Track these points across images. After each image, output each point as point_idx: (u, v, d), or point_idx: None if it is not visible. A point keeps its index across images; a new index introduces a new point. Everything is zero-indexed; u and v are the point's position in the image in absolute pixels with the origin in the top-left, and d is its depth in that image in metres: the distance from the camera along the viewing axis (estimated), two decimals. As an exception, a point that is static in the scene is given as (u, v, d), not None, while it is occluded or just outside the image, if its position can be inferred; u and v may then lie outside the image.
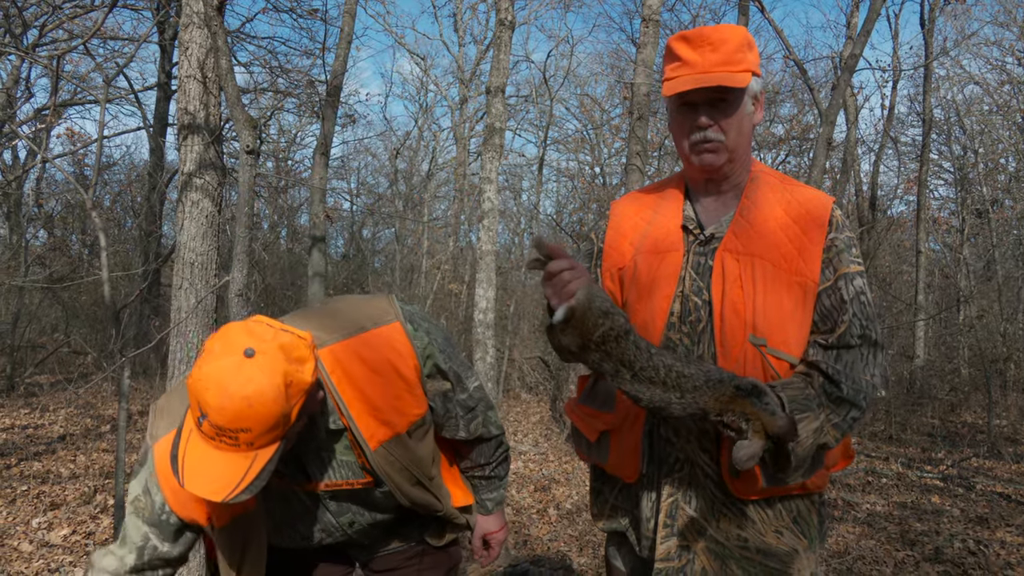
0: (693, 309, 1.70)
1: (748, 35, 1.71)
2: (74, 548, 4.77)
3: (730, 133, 1.70)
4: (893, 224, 15.30)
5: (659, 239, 1.80)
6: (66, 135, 13.23)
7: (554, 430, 9.41)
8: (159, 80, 13.36)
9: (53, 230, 14.14)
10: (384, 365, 1.65)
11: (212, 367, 1.35)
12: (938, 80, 15.78)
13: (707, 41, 1.67)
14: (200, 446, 1.38)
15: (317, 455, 1.65)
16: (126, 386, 4.47)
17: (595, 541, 5.15)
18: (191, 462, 1.37)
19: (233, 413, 1.33)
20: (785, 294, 1.64)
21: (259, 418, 1.34)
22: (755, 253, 1.68)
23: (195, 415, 1.37)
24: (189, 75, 4.13)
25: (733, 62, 1.66)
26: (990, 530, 5.42)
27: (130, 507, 1.62)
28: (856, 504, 6.09)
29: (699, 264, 1.73)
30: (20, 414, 8.65)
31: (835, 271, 1.66)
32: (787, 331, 1.64)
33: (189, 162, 4.14)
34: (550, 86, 16.12)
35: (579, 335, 1.54)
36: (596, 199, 15.64)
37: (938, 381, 11.45)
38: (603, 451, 1.83)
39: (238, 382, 1.33)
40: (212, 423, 1.34)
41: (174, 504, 1.57)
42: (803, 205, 1.71)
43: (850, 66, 6.02)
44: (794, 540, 1.71)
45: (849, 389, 1.62)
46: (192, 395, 1.36)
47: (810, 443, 1.58)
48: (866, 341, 1.65)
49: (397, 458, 1.68)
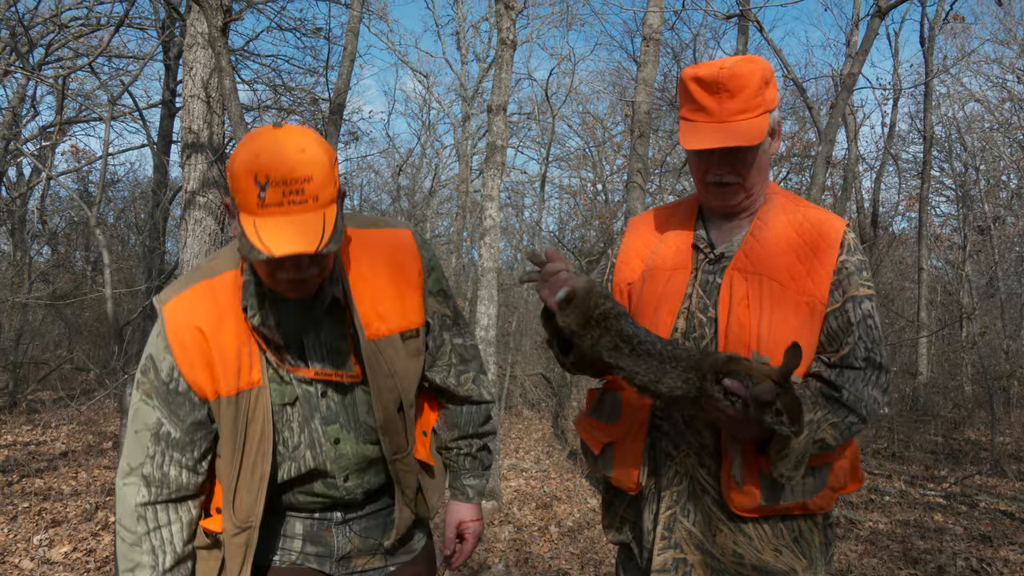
0: (698, 326, 1.72)
1: (766, 71, 1.69)
2: (75, 565, 4.76)
3: (748, 175, 1.72)
4: (895, 241, 15.32)
5: (668, 256, 1.82)
6: (71, 152, 13.32)
7: (556, 447, 9.39)
8: (163, 98, 13.43)
9: (57, 247, 14.19)
10: (392, 260, 1.67)
11: (251, 145, 1.37)
12: (939, 98, 15.85)
13: (724, 87, 1.65)
14: (271, 221, 1.36)
15: (316, 337, 1.62)
16: (128, 403, 4.48)
17: (596, 559, 5.14)
18: (268, 236, 1.35)
19: (292, 163, 1.35)
20: (792, 314, 1.66)
21: (314, 163, 1.36)
22: (764, 272, 1.69)
23: (254, 195, 1.35)
24: (193, 95, 4.17)
25: (751, 108, 1.66)
26: (993, 548, 5.39)
27: (136, 401, 1.60)
28: (859, 522, 6.07)
29: (707, 282, 1.75)
30: (22, 431, 8.65)
31: (844, 293, 1.67)
32: None
33: (192, 180, 4.17)
34: (552, 104, 16.18)
35: (581, 313, 1.57)
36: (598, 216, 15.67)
37: (941, 398, 11.42)
38: (607, 463, 1.85)
39: (283, 140, 1.37)
40: (276, 183, 1.34)
41: (183, 364, 1.54)
42: (815, 227, 1.73)
43: (849, 84, 6.06)
44: (793, 560, 1.71)
45: (849, 395, 1.64)
46: (244, 177, 1.36)
47: (806, 435, 1.59)
48: (870, 364, 1.66)
49: (385, 360, 1.65)
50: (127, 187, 16.04)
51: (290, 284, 1.49)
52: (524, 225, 18.55)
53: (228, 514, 1.61)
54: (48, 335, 12.90)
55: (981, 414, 10.66)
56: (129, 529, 1.58)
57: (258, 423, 1.58)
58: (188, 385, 1.55)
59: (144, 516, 1.58)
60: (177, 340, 1.54)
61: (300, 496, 1.71)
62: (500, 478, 7.15)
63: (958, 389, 12.03)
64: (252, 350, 1.57)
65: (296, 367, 1.61)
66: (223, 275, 1.59)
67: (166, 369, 1.55)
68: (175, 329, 1.55)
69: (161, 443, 1.58)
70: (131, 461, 1.59)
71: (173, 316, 1.56)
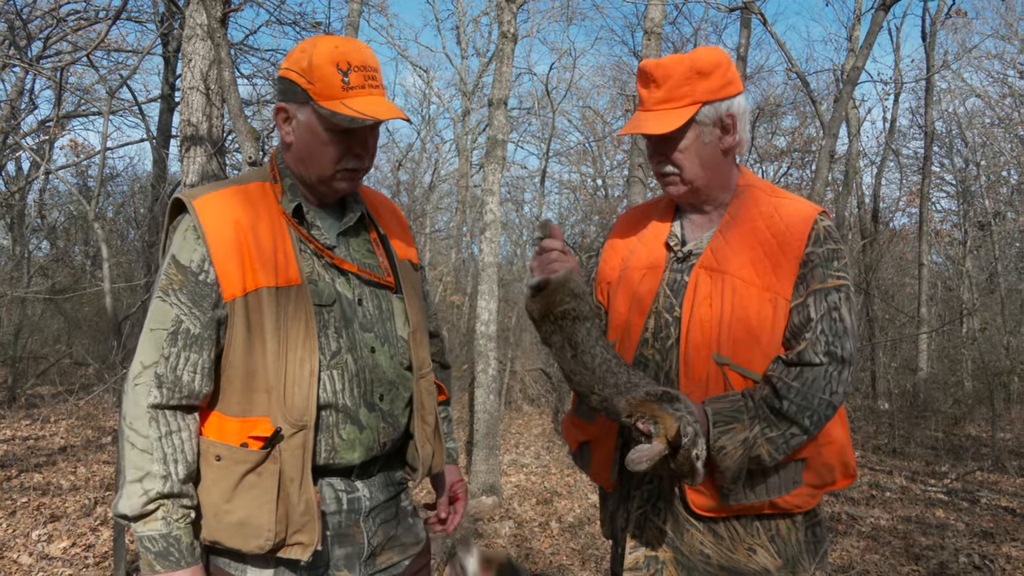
0: (664, 326, 1.72)
1: (702, 62, 1.69)
2: (74, 560, 4.75)
3: (685, 165, 1.72)
4: (895, 237, 15.30)
5: (644, 256, 1.83)
6: (69, 147, 13.26)
7: (556, 443, 9.38)
8: (162, 92, 13.39)
9: (56, 241, 14.16)
10: (391, 208, 1.90)
11: (324, 41, 1.56)
12: (940, 93, 15.81)
13: (651, 78, 1.71)
14: (358, 99, 1.53)
15: (346, 248, 1.71)
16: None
17: (597, 555, 5.12)
18: (362, 107, 1.52)
19: (366, 53, 1.57)
20: (754, 312, 1.64)
21: (375, 58, 1.61)
22: (727, 270, 1.68)
23: (338, 80, 1.52)
24: (192, 87, 4.14)
25: (674, 98, 1.70)
26: (995, 544, 5.38)
27: (153, 300, 1.56)
28: (860, 518, 6.05)
29: (675, 281, 1.75)
30: (21, 425, 8.63)
31: (807, 287, 1.65)
32: (753, 349, 1.64)
33: (192, 173, 4.14)
34: (552, 98, 16.16)
35: (544, 305, 1.64)
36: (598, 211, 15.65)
37: (941, 394, 11.41)
38: (585, 461, 1.90)
39: (349, 38, 1.62)
40: (357, 69, 1.54)
41: (216, 254, 1.53)
42: (784, 219, 1.71)
43: (852, 79, 6.03)
44: (768, 559, 1.70)
45: (792, 406, 1.59)
46: (326, 66, 1.52)
47: (739, 454, 1.58)
48: (832, 359, 1.62)
49: (412, 283, 1.79)
50: (126, 182, 16.02)
51: (348, 173, 1.62)
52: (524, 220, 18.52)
53: (281, 412, 1.53)
54: (47, 330, 12.87)
55: (982, 410, 10.66)
56: (140, 433, 1.50)
57: (300, 320, 1.56)
58: (216, 277, 1.53)
59: (156, 419, 1.50)
60: (211, 230, 1.53)
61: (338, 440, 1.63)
62: (500, 474, 7.13)
63: (958, 385, 12.02)
64: (288, 249, 1.59)
65: (343, 260, 1.66)
66: (252, 183, 1.66)
67: (197, 260, 1.53)
68: (209, 220, 1.55)
69: (178, 342, 1.52)
70: (144, 360, 1.53)
71: (206, 208, 1.56)
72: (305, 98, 1.54)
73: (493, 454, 6.97)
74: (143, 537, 1.48)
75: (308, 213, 1.65)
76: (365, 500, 1.69)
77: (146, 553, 1.48)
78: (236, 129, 3.46)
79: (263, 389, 1.54)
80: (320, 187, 1.64)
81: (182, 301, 1.52)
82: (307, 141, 1.58)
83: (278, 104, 1.61)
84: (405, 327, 1.74)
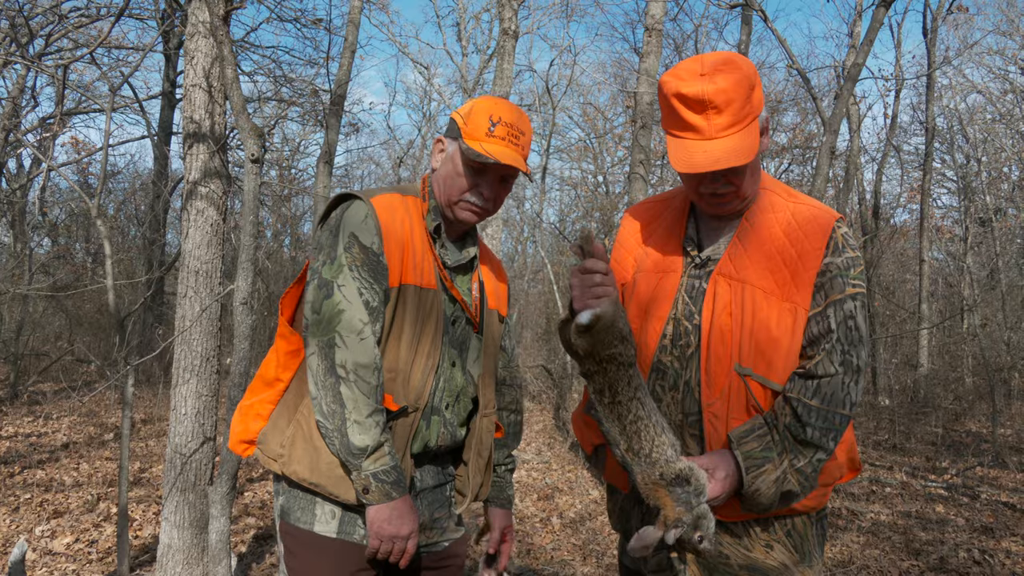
0: (684, 334, 1.70)
1: (751, 76, 1.62)
2: (77, 556, 4.77)
3: (744, 184, 1.67)
4: (896, 233, 15.30)
5: (659, 259, 1.80)
6: (71, 144, 13.28)
7: (557, 439, 9.39)
8: (164, 89, 13.41)
9: (57, 238, 14.18)
10: (499, 264, 2.17)
11: (489, 99, 1.88)
12: (941, 89, 15.80)
13: (710, 104, 1.58)
14: (496, 146, 1.81)
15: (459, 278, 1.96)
16: (130, 394, 4.48)
17: (599, 550, 5.14)
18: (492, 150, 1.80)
19: (522, 116, 1.87)
20: (775, 322, 1.63)
21: (531, 129, 1.91)
22: (747, 280, 1.66)
23: (485, 128, 1.81)
24: (194, 84, 4.14)
25: (739, 120, 1.60)
26: (995, 539, 5.39)
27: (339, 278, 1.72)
28: (860, 513, 6.07)
29: (693, 287, 1.72)
30: (24, 422, 8.66)
31: (826, 297, 1.64)
32: (774, 359, 1.63)
33: (194, 170, 4.15)
34: (552, 95, 16.16)
35: (590, 345, 1.59)
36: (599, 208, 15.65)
37: (942, 390, 11.41)
38: (600, 464, 1.88)
39: (513, 104, 1.91)
40: (507, 125, 1.83)
41: (388, 245, 1.77)
42: (803, 227, 1.68)
43: (853, 75, 6.02)
44: (784, 554, 1.71)
45: (815, 432, 1.61)
46: (481, 115, 1.83)
47: (772, 492, 1.61)
48: (848, 368, 1.63)
49: (493, 328, 2.01)
50: (127, 179, 16.05)
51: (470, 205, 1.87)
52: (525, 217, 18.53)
53: (402, 391, 1.78)
54: (49, 327, 12.89)
55: (982, 406, 10.67)
56: (365, 379, 1.68)
57: (432, 320, 1.83)
58: (386, 265, 1.77)
59: (376, 370, 1.71)
60: (387, 225, 1.78)
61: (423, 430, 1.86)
62: (502, 469, 7.15)
63: (959, 381, 12.03)
64: (428, 259, 1.85)
65: (454, 287, 1.89)
66: (410, 196, 1.91)
67: (376, 245, 1.76)
68: (385, 217, 1.79)
69: (366, 311, 1.73)
70: (362, 317, 1.71)
71: (383, 206, 1.81)
72: (457, 134, 1.86)
73: (494, 450, 6.98)
74: (376, 472, 1.67)
75: (442, 236, 1.91)
76: (418, 482, 1.89)
77: (382, 485, 1.68)
78: (239, 126, 3.46)
79: (391, 369, 1.78)
80: (447, 211, 1.89)
81: (363, 276, 1.74)
82: (448, 168, 1.87)
83: (438, 137, 1.93)
84: (476, 365, 1.97)
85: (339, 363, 1.67)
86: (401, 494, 1.70)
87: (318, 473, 1.72)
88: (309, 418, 1.75)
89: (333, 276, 1.72)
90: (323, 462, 1.72)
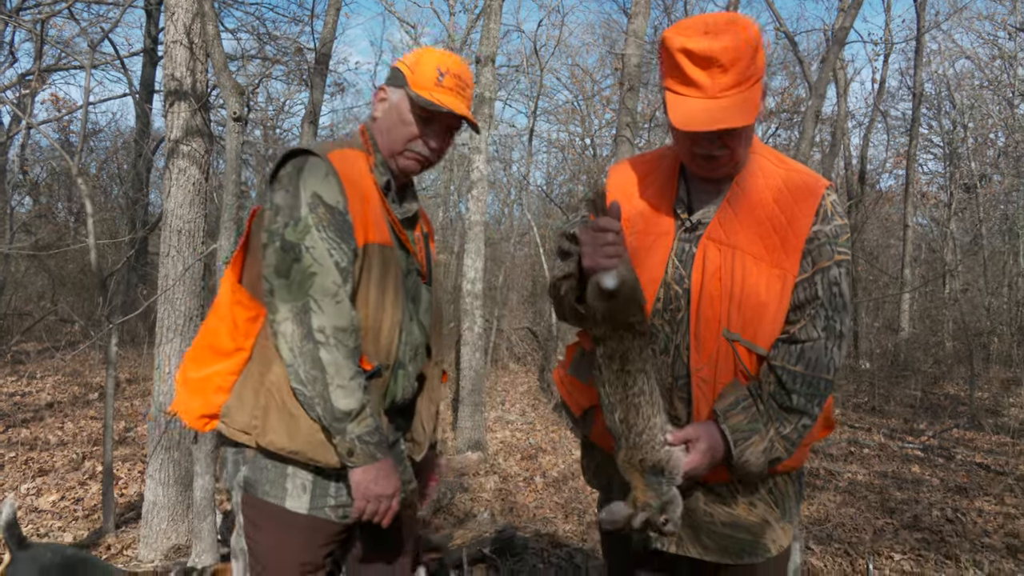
0: (674, 298, 1.70)
1: (756, 36, 1.60)
2: (63, 513, 4.80)
3: (738, 147, 1.66)
4: (881, 198, 15.37)
5: (651, 221, 1.78)
6: (51, 101, 13.08)
7: (541, 400, 9.48)
8: (145, 46, 13.18)
9: (39, 197, 14.01)
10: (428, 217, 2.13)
11: (432, 50, 1.87)
12: (929, 54, 15.76)
13: (716, 62, 1.55)
14: (446, 96, 1.80)
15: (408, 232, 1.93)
16: (113, 354, 4.48)
17: (580, 508, 5.22)
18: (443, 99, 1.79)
19: (467, 69, 1.88)
20: (764, 288, 1.64)
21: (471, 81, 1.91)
22: (737, 245, 1.67)
23: (432, 78, 1.80)
24: (175, 40, 4.08)
25: (743, 80, 1.58)
26: (968, 499, 5.52)
27: (308, 239, 1.68)
28: (838, 473, 6.19)
29: (683, 251, 1.72)
30: (7, 381, 8.64)
31: (813, 264, 1.65)
32: (762, 324, 1.65)
33: (176, 129, 4.11)
34: (540, 56, 16.01)
35: (611, 311, 1.58)
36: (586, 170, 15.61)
37: (922, 354, 11.57)
38: (588, 424, 1.89)
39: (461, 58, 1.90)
40: (454, 76, 1.82)
41: (353, 203, 1.73)
42: (792, 194, 1.69)
43: (840, 39, 6.01)
44: (766, 511, 1.75)
45: (800, 398, 1.64)
46: (428, 65, 1.81)
47: (761, 461, 1.64)
48: (831, 333, 1.65)
49: (439, 283, 2.00)
50: (109, 137, 15.80)
51: (415, 155, 1.86)
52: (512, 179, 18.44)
53: (373, 350, 1.76)
54: (31, 286, 12.80)
55: (960, 370, 10.83)
56: (344, 343, 1.66)
57: (392, 276, 1.80)
58: (352, 223, 1.73)
59: (354, 331, 1.70)
60: (349, 182, 1.74)
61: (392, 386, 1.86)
62: (486, 430, 7.22)
63: (939, 345, 12.19)
64: (382, 215, 1.81)
65: (409, 241, 1.88)
66: (355, 150, 1.84)
67: (342, 204, 1.72)
68: (346, 173, 1.74)
69: (338, 273, 1.70)
70: (335, 279, 1.68)
71: (342, 162, 1.75)
72: (403, 83, 1.82)
73: (478, 411, 7.05)
74: (361, 435, 1.67)
75: (392, 190, 1.87)
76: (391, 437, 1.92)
77: (366, 447, 1.67)
78: (221, 84, 3.43)
79: (361, 329, 1.74)
80: (390, 161, 1.86)
81: (330, 236, 1.69)
82: (392, 118, 1.84)
83: (380, 86, 1.89)
84: (427, 315, 1.96)
85: (317, 328, 1.63)
86: (385, 454, 1.70)
87: (298, 440, 1.69)
88: (281, 386, 1.69)
89: (299, 238, 1.66)
90: (302, 429, 1.69)
